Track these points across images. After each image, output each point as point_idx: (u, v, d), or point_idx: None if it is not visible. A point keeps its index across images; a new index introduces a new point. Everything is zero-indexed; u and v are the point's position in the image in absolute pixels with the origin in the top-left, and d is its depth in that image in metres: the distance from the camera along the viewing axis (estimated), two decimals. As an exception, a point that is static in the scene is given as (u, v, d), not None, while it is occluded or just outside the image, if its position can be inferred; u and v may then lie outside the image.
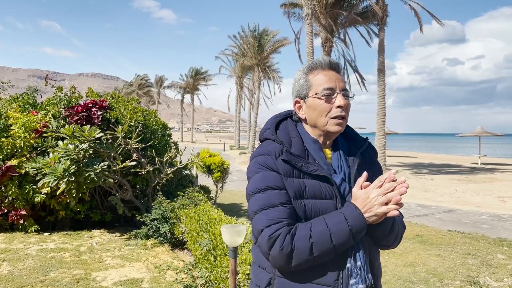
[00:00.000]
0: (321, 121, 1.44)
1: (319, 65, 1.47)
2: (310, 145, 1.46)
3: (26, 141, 6.06)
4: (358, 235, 1.29)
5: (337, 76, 1.46)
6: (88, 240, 5.93)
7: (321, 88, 1.42)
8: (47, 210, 6.52)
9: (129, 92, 66.56)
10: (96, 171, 5.36)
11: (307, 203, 1.35)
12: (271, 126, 1.51)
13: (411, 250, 5.92)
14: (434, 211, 9.75)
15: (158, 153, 6.84)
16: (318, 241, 1.26)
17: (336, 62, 1.49)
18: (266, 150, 1.42)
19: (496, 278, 4.79)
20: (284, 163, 1.37)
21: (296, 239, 1.27)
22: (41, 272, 4.47)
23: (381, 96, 20.01)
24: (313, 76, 1.46)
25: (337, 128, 1.43)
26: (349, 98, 1.47)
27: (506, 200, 11.75)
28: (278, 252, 1.27)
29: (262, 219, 1.32)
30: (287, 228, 1.28)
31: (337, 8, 21.26)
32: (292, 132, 1.49)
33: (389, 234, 1.45)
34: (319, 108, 1.43)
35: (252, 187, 1.40)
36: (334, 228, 1.27)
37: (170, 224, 5.58)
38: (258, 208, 1.35)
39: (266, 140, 1.50)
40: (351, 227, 1.27)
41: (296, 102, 1.52)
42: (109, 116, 6.47)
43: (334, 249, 1.28)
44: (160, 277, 4.43)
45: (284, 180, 1.36)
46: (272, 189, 1.35)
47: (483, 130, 28.18)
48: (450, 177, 18.32)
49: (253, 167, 1.43)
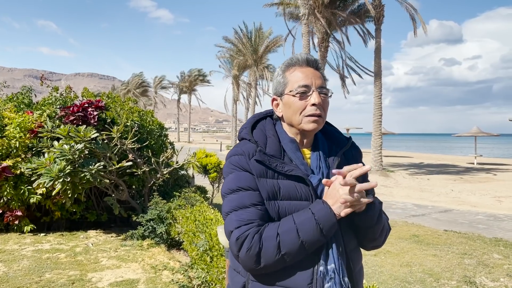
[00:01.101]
0: (295, 119, 1.41)
1: (296, 62, 1.44)
2: (287, 144, 1.43)
3: (21, 142, 6.03)
4: (329, 231, 1.26)
5: (314, 73, 1.42)
6: (83, 240, 5.90)
7: (296, 85, 1.40)
8: (42, 211, 6.48)
9: (125, 92, 66.38)
10: (91, 171, 5.34)
11: (281, 204, 1.33)
12: (247, 126, 1.50)
13: (407, 250, 5.93)
14: (430, 211, 9.77)
15: (155, 153, 6.81)
16: (285, 238, 1.23)
17: (315, 59, 1.45)
18: (240, 150, 1.40)
19: (493, 278, 4.80)
20: (258, 163, 1.35)
21: (263, 239, 1.25)
22: (36, 273, 4.44)
23: (377, 96, 20.04)
24: (290, 73, 1.44)
25: (312, 126, 1.39)
26: (327, 96, 1.43)
27: (502, 200, 11.80)
28: (246, 253, 1.25)
29: (233, 221, 1.30)
30: (256, 228, 1.26)
31: (333, 8, 21.27)
32: (269, 132, 1.46)
33: (377, 222, 1.40)
34: (294, 106, 1.40)
35: (225, 188, 1.38)
36: (301, 224, 1.24)
37: (166, 225, 5.56)
38: (230, 209, 1.33)
39: (242, 139, 1.48)
40: (319, 222, 1.24)
41: (273, 99, 1.50)
42: (105, 116, 6.44)
43: (304, 246, 1.24)
44: (156, 277, 4.41)
45: (257, 180, 1.34)
46: (244, 190, 1.33)
47: (479, 130, 28.31)
48: (446, 177, 18.38)
49: (226, 167, 1.41)
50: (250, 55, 38.75)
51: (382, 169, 19.54)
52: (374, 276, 4.80)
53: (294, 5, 22.51)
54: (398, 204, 10.85)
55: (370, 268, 5.08)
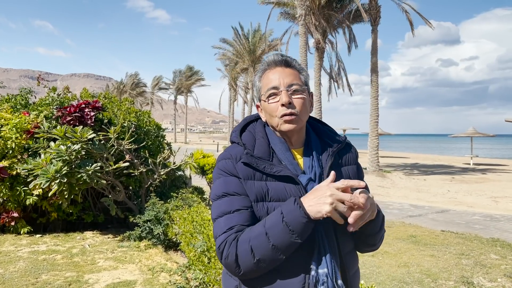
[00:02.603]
0: (273, 122, 1.40)
1: (266, 64, 1.44)
2: (277, 145, 1.41)
3: (17, 142, 5.99)
4: (301, 233, 1.18)
5: (283, 72, 1.40)
6: (80, 242, 5.88)
7: (266, 89, 1.40)
8: (39, 212, 6.45)
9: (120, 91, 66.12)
10: (88, 172, 5.31)
11: (270, 206, 1.30)
12: (237, 129, 1.49)
13: (405, 251, 5.93)
14: (427, 211, 9.79)
15: (152, 154, 6.79)
16: (256, 244, 1.20)
17: (283, 58, 1.42)
18: (227, 154, 1.40)
19: (490, 278, 4.81)
20: (245, 165, 1.34)
21: (238, 245, 1.22)
22: (33, 275, 4.41)
23: (374, 97, 20.09)
24: (262, 78, 1.44)
25: (288, 126, 1.37)
26: (299, 91, 1.39)
27: (498, 200, 11.84)
28: (225, 260, 1.24)
29: (217, 227, 1.29)
30: (234, 234, 1.24)
31: (330, 9, 21.31)
32: (258, 134, 1.45)
33: (380, 229, 1.39)
34: (268, 110, 1.40)
35: (213, 194, 1.37)
36: (271, 228, 1.20)
37: (164, 226, 5.54)
38: (216, 215, 1.32)
39: (232, 143, 1.47)
40: (288, 224, 1.17)
41: (257, 106, 1.50)
42: (102, 117, 6.42)
43: (277, 250, 1.19)
44: (154, 279, 4.39)
45: (243, 183, 1.32)
46: (229, 196, 1.32)
47: (475, 131, 28.40)
48: (443, 178, 18.43)
49: (215, 172, 1.41)
50: (247, 55, 38.78)
51: (378, 170, 19.57)
52: (372, 276, 4.80)
53: (291, 5, 22.51)
54: (395, 204, 10.86)
55: (368, 269, 5.08)
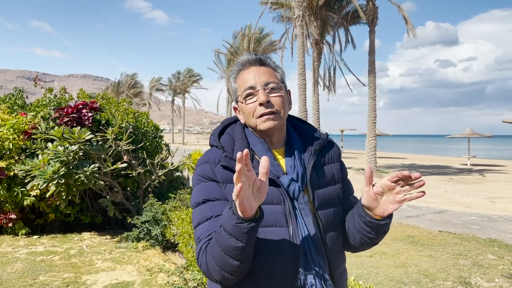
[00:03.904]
0: (252, 122, 1.37)
1: (240, 65, 1.41)
2: (256, 146, 1.37)
3: (14, 143, 5.98)
4: (237, 234, 1.06)
5: (258, 71, 1.37)
6: (78, 243, 5.86)
7: (242, 90, 1.36)
8: (36, 213, 6.43)
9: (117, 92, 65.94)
10: (86, 173, 5.30)
11: None
12: (216, 132, 1.45)
13: (402, 251, 5.94)
14: (425, 212, 9.80)
15: (149, 155, 6.78)
16: (212, 251, 1.15)
17: (257, 57, 1.40)
18: (206, 158, 1.36)
19: (488, 278, 4.82)
20: (224, 169, 1.30)
21: (206, 253, 1.18)
22: (30, 276, 4.40)
23: (371, 97, 20.11)
24: (238, 79, 1.41)
25: (267, 125, 1.33)
26: (276, 89, 1.36)
27: (495, 201, 11.86)
28: (201, 268, 1.21)
29: (197, 235, 1.26)
30: (207, 243, 1.20)
31: (327, 9, 21.33)
32: (237, 136, 1.41)
33: (388, 229, 1.36)
34: (246, 111, 1.37)
35: (192, 201, 1.34)
36: (217, 235, 1.13)
37: (162, 226, 5.53)
38: (196, 223, 1.28)
39: (212, 146, 1.44)
40: (224, 226, 1.09)
41: (235, 108, 1.46)
42: (99, 118, 6.41)
43: (226, 256, 1.11)
44: (152, 280, 4.38)
45: (223, 188, 1.28)
46: (208, 202, 1.28)
47: (472, 132, 28.46)
48: (440, 178, 18.46)
49: (194, 178, 1.37)
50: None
51: (376, 171, 19.59)
52: (370, 277, 4.81)
53: (288, 6, 22.53)
54: (392, 205, 10.86)
55: (365, 269, 5.09)
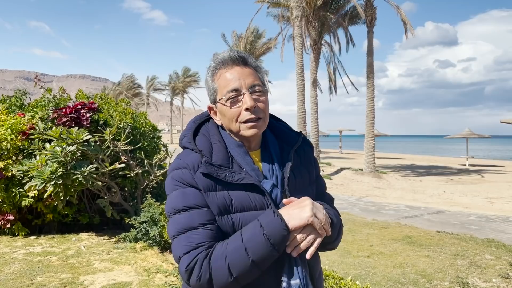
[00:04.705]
0: (233, 127, 1.28)
1: (221, 63, 1.29)
2: (234, 149, 1.29)
3: (12, 144, 5.97)
4: (280, 245, 1.13)
5: (242, 72, 1.27)
6: (76, 243, 5.86)
7: (225, 91, 1.26)
8: (34, 213, 6.42)
9: (117, 93, 65.96)
10: (84, 173, 5.30)
11: (235, 217, 1.20)
12: (189, 133, 1.34)
13: (400, 252, 5.95)
14: (423, 212, 9.82)
15: (147, 155, 6.78)
16: (234, 260, 1.11)
17: (241, 56, 1.29)
18: (182, 163, 1.26)
19: (485, 278, 4.83)
20: (204, 176, 1.21)
21: (212, 263, 1.12)
22: (28, 276, 4.39)
23: (370, 98, 20.14)
24: (217, 78, 1.30)
25: (251, 132, 1.26)
26: (262, 92, 1.28)
27: (493, 201, 11.89)
28: (196, 281, 1.13)
29: (181, 245, 1.17)
30: (205, 252, 1.14)
31: (325, 10, 21.36)
32: (213, 137, 1.31)
33: (337, 236, 1.34)
34: (228, 114, 1.27)
35: (169, 207, 1.24)
36: (249, 241, 1.12)
37: (160, 227, 5.53)
38: (176, 232, 1.19)
39: (185, 149, 1.32)
40: (269, 236, 1.11)
41: (210, 108, 1.36)
42: (97, 118, 6.41)
43: (256, 265, 1.12)
44: (149, 280, 4.38)
45: (205, 196, 1.20)
46: (191, 209, 1.20)
47: (471, 132, 28.52)
48: (439, 179, 18.50)
49: (169, 183, 1.27)
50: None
51: (375, 171, 19.61)
52: (367, 277, 4.81)
53: (286, 6, 22.55)
54: (391, 205, 10.89)
55: (363, 270, 5.09)
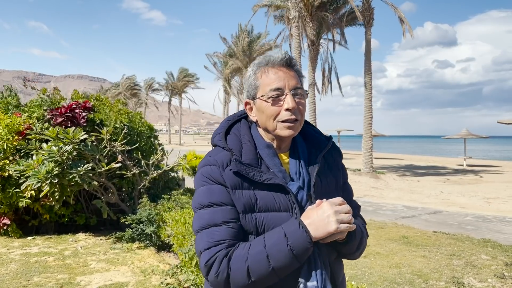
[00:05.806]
0: (270, 125, 1.30)
1: (269, 61, 1.31)
2: (263, 150, 1.32)
3: (9, 143, 5.96)
4: (302, 256, 1.15)
5: (288, 74, 1.30)
6: (72, 244, 5.85)
7: (268, 89, 1.28)
8: (30, 214, 6.42)
9: (116, 94, 65.91)
10: (80, 173, 5.29)
11: (259, 217, 1.22)
12: (221, 131, 1.37)
13: (396, 252, 5.96)
14: (420, 212, 9.83)
15: (144, 156, 6.78)
16: (254, 264, 1.13)
17: (290, 58, 1.32)
18: (212, 160, 1.29)
19: (480, 278, 4.85)
20: (234, 174, 1.24)
21: (232, 263, 1.15)
22: (24, 277, 4.39)
23: (368, 98, 20.17)
24: (262, 75, 1.31)
25: (288, 132, 1.28)
26: (303, 96, 1.32)
27: (490, 201, 11.92)
28: (214, 278, 1.16)
29: (203, 240, 1.20)
30: (225, 250, 1.16)
31: (323, 10, 21.38)
32: (244, 137, 1.35)
33: (357, 250, 1.34)
34: (267, 112, 1.29)
35: (196, 202, 1.27)
36: (272, 249, 1.14)
37: (156, 227, 5.53)
38: (200, 227, 1.23)
39: (216, 147, 1.36)
40: (292, 247, 1.13)
41: (246, 103, 1.38)
42: (93, 118, 6.40)
43: (275, 273, 1.14)
44: (146, 280, 4.38)
45: (231, 193, 1.23)
46: (216, 206, 1.23)
47: (468, 132, 28.57)
48: (436, 179, 18.53)
49: (198, 179, 1.30)
50: (242, 57, 38.91)
51: (372, 171, 19.64)
52: (363, 277, 4.82)
53: (284, 7, 22.56)
54: (388, 205, 10.91)
55: (359, 270, 5.10)
